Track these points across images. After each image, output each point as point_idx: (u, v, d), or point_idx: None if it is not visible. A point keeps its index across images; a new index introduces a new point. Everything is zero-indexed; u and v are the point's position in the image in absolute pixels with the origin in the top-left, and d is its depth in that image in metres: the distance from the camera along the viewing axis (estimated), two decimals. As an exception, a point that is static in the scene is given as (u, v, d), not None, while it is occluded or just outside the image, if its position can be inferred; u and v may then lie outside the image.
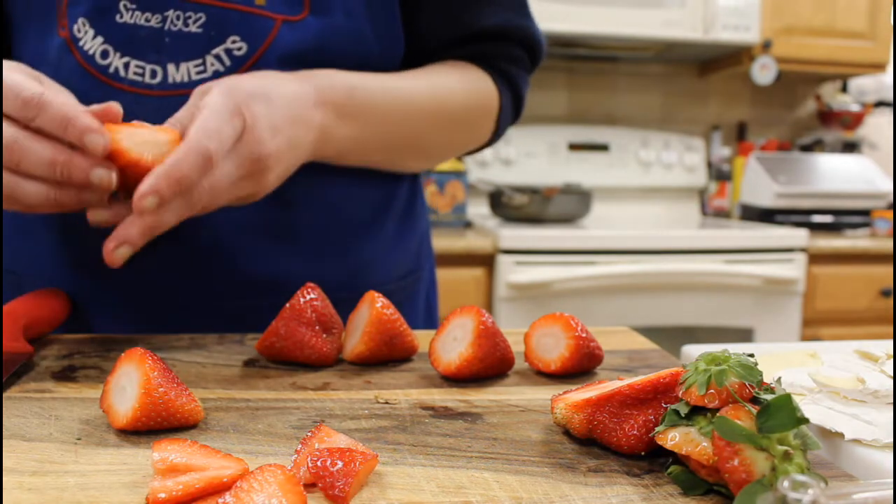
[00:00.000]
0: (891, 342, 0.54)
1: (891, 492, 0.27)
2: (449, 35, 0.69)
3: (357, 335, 0.51)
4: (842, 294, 2.08)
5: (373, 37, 0.64)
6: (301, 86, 0.56)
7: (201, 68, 0.58)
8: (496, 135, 0.75)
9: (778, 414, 0.31)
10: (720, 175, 2.48)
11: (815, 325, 2.08)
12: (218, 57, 0.58)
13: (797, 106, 2.70)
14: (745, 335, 2.00)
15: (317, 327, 0.50)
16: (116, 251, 0.47)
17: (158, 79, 0.58)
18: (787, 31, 2.26)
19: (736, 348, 0.37)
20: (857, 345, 0.54)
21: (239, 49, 0.58)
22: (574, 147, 2.40)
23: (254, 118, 0.51)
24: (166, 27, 0.58)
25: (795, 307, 2.01)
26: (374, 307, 0.51)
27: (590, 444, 0.39)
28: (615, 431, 0.37)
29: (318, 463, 0.32)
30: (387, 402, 0.44)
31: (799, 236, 2.00)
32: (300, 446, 0.35)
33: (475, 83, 0.69)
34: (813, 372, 0.46)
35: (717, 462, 0.31)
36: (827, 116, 2.62)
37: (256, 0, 0.59)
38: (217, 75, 0.58)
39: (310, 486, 0.32)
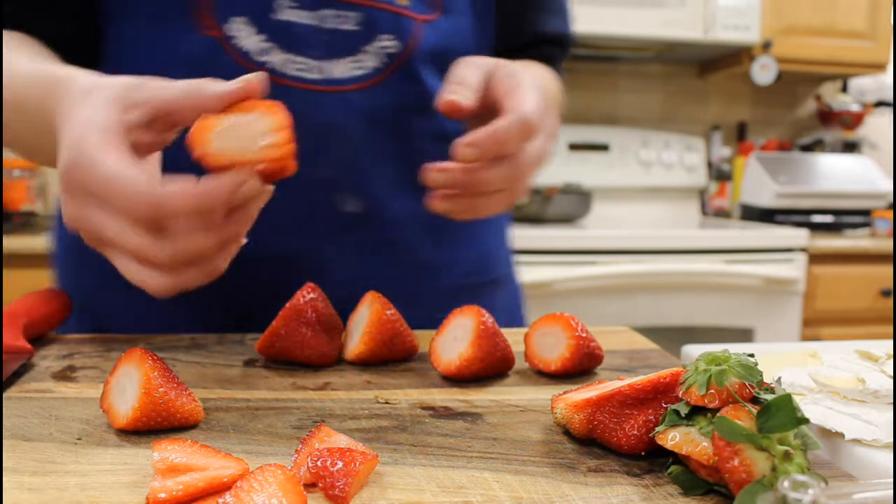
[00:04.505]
0: (891, 342, 0.54)
1: (891, 492, 0.27)
2: (517, 38, 0.74)
3: (357, 335, 0.51)
4: (842, 294, 2.08)
5: (482, 37, 0.69)
6: (556, 92, 0.70)
7: (358, 64, 0.61)
8: None
9: (778, 414, 0.31)
10: (720, 175, 2.48)
11: (815, 325, 2.08)
12: (372, 54, 0.61)
13: (797, 106, 2.70)
14: (745, 335, 2.00)
15: (317, 327, 0.50)
16: (441, 204, 0.51)
17: (319, 75, 0.60)
18: (787, 31, 2.26)
19: (736, 348, 0.37)
20: (857, 345, 0.54)
21: (391, 47, 0.62)
22: (574, 147, 2.40)
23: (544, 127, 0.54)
24: (323, 25, 0.60)
25: (795, 307, 2.01)
26: (375, 307, 0.51)
27: (590, 444, 0.39)
28: (615, 431, 0.37)
29: (318, 463, 0.32)
30: (387, 402, 0.44)
31: (799, 236, 2.00)
32: (300, 446, 0.35)
33: (557, 83, 0.76)
34: (813, 372, 0.46)
35: (717, 462, 0.31)
36: (827, 116, 2.62)
37: (400, 1, 0.62)
38: (376, 72, 0.62)
39: (310, 486, 0.32)
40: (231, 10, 0.59)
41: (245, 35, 0.59)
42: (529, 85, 0.51)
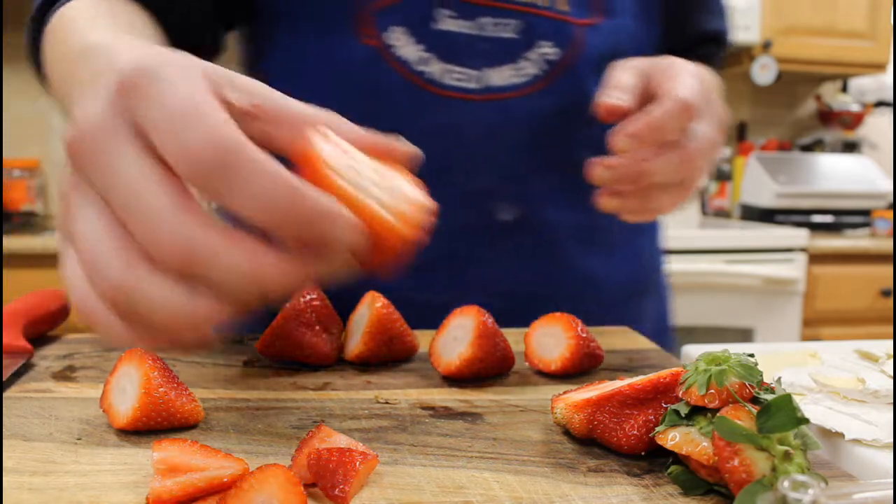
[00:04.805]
0: (891, 342, 0.54)
1: (891, 492, 0.27)
2: (680, 39, 0.74)
3: (357, 335, 0.51)
4: (842, 294, 2.08)
5: (647, 39, 0.68)
6: (715, 85, 0.65)
7: (517, 72, 0.60)
8: None
9: (778, 414, 0.31)
10: (720, 175, 2.48)
11: (815, 325, 2.08)
12: (532, 61, 0.61)
13: (797, 106, 2.70)
14: (745, 335, 2.00)
15: (317, 327, 0.50)
16: (608, 201, 0.50)
17: (479, 84, 0.60)
18: (787, 31, 2.26)
19: (736, 348, 0.37)
20: (857, 345, 0.54)
21: (552, 53, 0.61)
22: (574, 147, 2.40)
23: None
24: (482, 33, 0.60)
25: (795, 307, 2.01)
26: (375, 307, 0.51)
27: (590, 444, 0.39)
28: (615, 431, 0.37)
29: (319, 463, 0.32)
30: (387, 402, 0.44)
31: (799, 236, 2.00)
32: (300, 446, 0.35)
33: (716, 79, 0.75)
34: (813, 372, 0.46)
35: (717, 462, 0.31)
36: (827, 116, 2.62)
37: (561, 6, 0.61)
38: (536, 79, 0.61)
39: (310, 486, 0.32)
40: (391, 20, 0.59)
41: (404, 44, 0.59)
42: (685, 72, 0.50)
